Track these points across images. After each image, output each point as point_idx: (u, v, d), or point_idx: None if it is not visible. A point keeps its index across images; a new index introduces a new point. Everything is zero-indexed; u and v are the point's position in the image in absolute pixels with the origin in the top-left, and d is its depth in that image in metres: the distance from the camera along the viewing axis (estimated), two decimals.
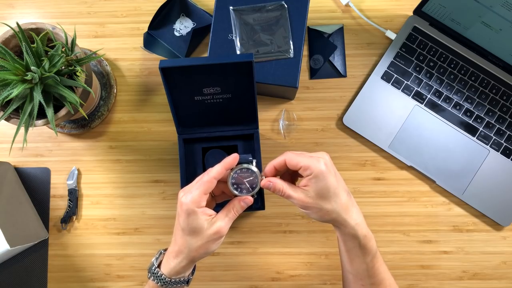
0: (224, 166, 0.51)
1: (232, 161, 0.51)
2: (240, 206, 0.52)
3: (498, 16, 0.65)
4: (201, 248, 0.50)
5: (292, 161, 0.51)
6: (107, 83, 0.76)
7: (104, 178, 0.75)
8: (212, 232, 0.49)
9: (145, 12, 0.78)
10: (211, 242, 0.50)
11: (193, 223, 0.49)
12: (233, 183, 0.52)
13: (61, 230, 0.75)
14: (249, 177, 0.52)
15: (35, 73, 0.57)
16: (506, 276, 0.72)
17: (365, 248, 0.52)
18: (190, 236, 0.50)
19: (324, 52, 0.76)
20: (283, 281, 0.73)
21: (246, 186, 0.52)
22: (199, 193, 0.49)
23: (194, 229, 0.49)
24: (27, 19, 0.79)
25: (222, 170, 0.51)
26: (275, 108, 0.76)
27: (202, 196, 0.49)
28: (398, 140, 0.73)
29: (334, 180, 0.50)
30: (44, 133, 0.77)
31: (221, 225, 0.50)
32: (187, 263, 0.51)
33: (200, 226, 0.49)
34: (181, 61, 0.58)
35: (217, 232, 0.49)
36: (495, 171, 0.72)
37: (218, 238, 0.50)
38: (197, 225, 0.49)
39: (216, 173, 0.50)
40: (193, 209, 0.49)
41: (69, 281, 0.74)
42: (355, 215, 0.51)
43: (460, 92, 0.74)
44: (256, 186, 0.52)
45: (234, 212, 0.51)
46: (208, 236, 0.49)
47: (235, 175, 0.52)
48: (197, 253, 0.50)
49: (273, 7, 0.69)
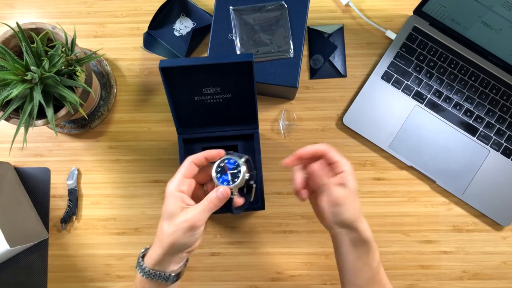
0: (204, 155, 0.52)
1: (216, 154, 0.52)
2: (216, 196, 0.49)
3: (498, 16, 0.65)
4: (172, 235, 0.47)
5: (331, 152, 0.52)
6: (107, 83, 0.76)
7: (104, 178, 0.76)
8: (182, 219, 0.47)
9: (145, 12, 0.78)
10: (181, 231, 0.47)
11: (169, 207, 0.48)
12: (217, 171, 0.52)
13: (61, 230, 0.75)
14: (233, 170, 0.52)
15: (35, 73, 0.57)
16: (506, 276, 0.72)
17: (373, 254, 0.51)
18: (165, 221, 0.48)
19: (324, 52, 0.76)
20: (283, 281, 0.73)
21: (228, 177, 0.52)
22: (179, 176, 0.50)
23: (168, 214, 0.48)
24: (27, 19, 0.79)
25: (202, 157, 0.52)
26: (275, 108, 0.76)
27: (182, 179, 0.50)
28: (398, 140, 0.73)
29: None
30: (44, 133, 0.77)
31: (193, 214, 0.47)
32: (162, 252, 0.48)
33: (174, 211, 0.48)
34: (181, 61, 0.58)
35: (186, 220, 0.47)
36: (495, 171, 0.72)
37: (190, 228, 0.47)
38: (171, 209, 0.48)
39: (196, 158, 0.51)
40: (171, 191, 0.49)
41: (69, 281, 0.74)
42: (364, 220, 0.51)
43: (460, 92, 0.74)
44: (237, 180, 0.51)
45: (208, 202, 0.49)
46: (178, 223, 0.47)
47: (222, 164, 0.53)
48: (168, 241, 0.47)
49: (273, 7, 0.69)
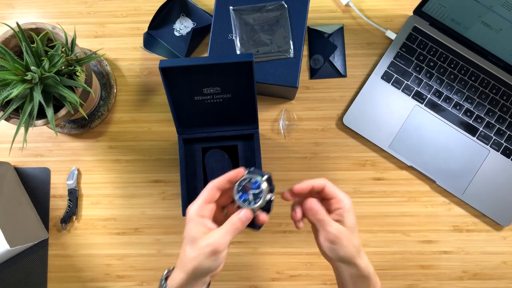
0: (226, 178, 0.50)
1: (236, 175, 0.51)
2: (238, 219, 0.49)
3: (498, 16, 0.65)
4: (194, 260, 0.47)
5: (331, 188, 0.51)
6: (107, 83, 0.76)
7: (104, 178, 0.75)
8: (204, 244, 0.47)
9: (145, 12, 0.78)
10: (204, 256, 0.47)
11: (190, 232, 0.48)
12: (238, 191, 0.51)
13: (61, 230, 0.75)
14: (254, 190, 0.50)
15: (35, 73, 0.57)
16: (506, 276, 0.72)
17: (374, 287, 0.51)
18: (188, 245, 0.48)
19: (324, 52, 0.76)
20: (283, 281, 0.73)
21: (249, 197, 0.50)
22: (201, 201, 0.49)
23: (191, 238, 0.48)
24: (27, 19, 0.79)
25: (224, 180, 0.50)
26: (275, 108, 0.76)
27: (203, 205, 0.49)
28: (398, 140, 0.73)
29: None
30: (44, 133, 0.77)
31: (215, 238, 0.47)
32: (185, 276, 0.49)
33: (196, 235, 0.48)
34: (181, 61, 0.58)
35: (209, 245, 0.47)
36: (495, 171, 0.72)
37: (212, 253, 0.47)
38: (193, 234, 0.48)
39: (218, 182, 0.50)
40: (193, 217, 0.48)
41: (69, 281, 0.74)
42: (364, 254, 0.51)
43: (460, 92, 0.74)
44: (259, 200, 0.50)
45: (231, 225, 0.49)
46: (201, 248, 0.47)
47: (243, 183, 0.51)
48: (191, 266, 0.48)
49: (273, 7, 0.69)
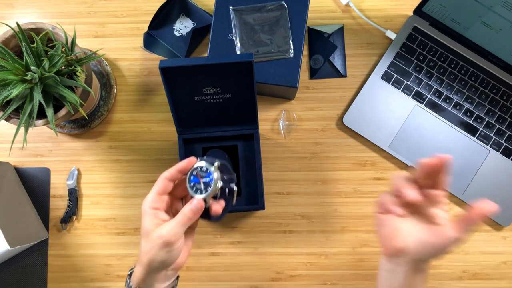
0: (177, 168, 0.50)
1: (186, 164, 0.50)
2: (189, 209, 0.48)
3: (498, 16, 0.65)
4: (148, 253, 0.47)
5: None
6: (107, 83, 0.76)
7: (104, 178, 0.75)
8: (156, 235, 0.46)
9: (145, 12, 0.78)
10: (157, 248, 0.46)
11: (144, 225, 0.48)
12: (190, 180, 0.50)
13: (61, 230, 0.75)
14: (205, 178, 0.49)
15: (35, 73, 0.57)
16: (506, 276, 0.72)
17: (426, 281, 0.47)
18: (143, 239, 0.48)
19: (324, 52, 0.76)
20: (283, 281, 0.73)
21: (200, 186, 0.49)
22: (153, 193, 0.49)
23: (145, 231, 0.48)
24: (27, 19, 0.79)
25: (175, 172, 0.50)
26: (275, 108, 0.76)
27: (155, 196, 0.49)
28: (398, 140, 0.73)
29: None
30: (44, 133, 0.77)
31: (166, 229, 0.46)
32: (143, 270, 0.48)
33: (149, 228, 0.47)
34: (181, 61, 0.58)
35: (160, 237, 0.46)
36: (495, 171, 0.72)
37: (164, 245, 0.46)
38: (146, 227, 0.48)
39: (169, 173, 0.50)
40: (145, 209, 0.48)
41: (69, 281, 0.74)
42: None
43: (460, 92, 0.74)
44: (209, 189, 0.49)
45: (183, 216, 0.47)
46: (153, 240, 0.46)
47: (194, 172, 0.50)
48: (146, 259, 0.47)
49: (273, 7, 0.69)
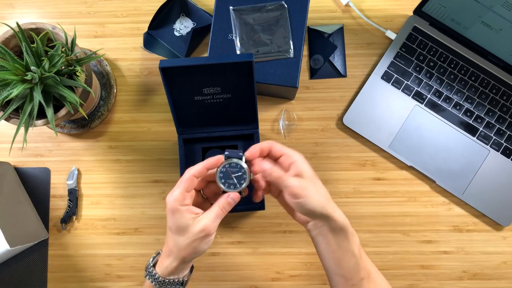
0: (205, 166, 0.50)
1: (215, 162, 0.51)
2: (227, 202, 0.50)
3: (498, 16, 0.65)
4: (189, 247, 0.49)
5: (277, 146, 0.52)
6: (107, 83, 0.76)
7: (104, 178, 0.75)
8: (197, 229, 0.48)
9: (145, 12, 0.78)
10: (198, 240, 0.48)
11: (178, 222, 0.49)
12: (221, 177, 0.51)
13: (61, 230, 0.75)
14: (237, 172, 0.51)
15: (35, 73, 0.57)
16: (506, 276, 0.72)
17: (352, 239, 0.50)
18: (177, 235, 0.49)
19: (324, 52, 0.76)
20: (283, 281, 0.73)
21: (233, 181, 0.51)
22: (180, 190, 0.49)
23: (180, 227, 0.49)
24: (27, 19, 0.79)
25: (203, 169, 0.50)
26: (275, 108, 0.76)
27: (184, 194, 0.49)
28: (398, 140, 0.73)
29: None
30: (44, 133, 0.77)
31: (206, 222, 0.48)
32: (178, 263, 0.50)
33: (185, 224, 0.48)
34: (181, 61, 0.58)
35: (203, 230, 0.48)
36: (495, 171, 0.72)
37: (206, 236, 0.48)
38: (182, 223, 0.48)
39: (196, 171, 0.50)
40: (176, 207, 0.49)
41: (69, 281, 0.74)
42: (336, 206, 0.50)
43: (460, 92, 0.74)
44: (244, 182, 0.51)
45: (220, 208, 0.50)
46: (194, 234, 0.48)
47: (223, 169, 0.51)
48: (186, 253, 0.49)
49: (273, 7, 0.69)
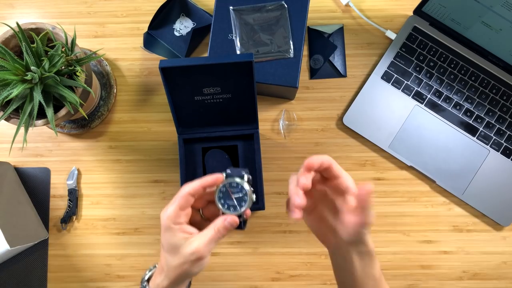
0: (202, 184, 0.46)
1: (213, 181, 0.47)
2: (223, 226, 0.46)
3: (498, 16, 0.65)
4: (179, 268, 0.45)
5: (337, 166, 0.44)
6: (107, 83, 0.76)
7: (104, 178, 0.76)
8: (188, 252, 0.44)
9: (145, 12, 0.78)
10: (189, 263, 0.45)
11: (170, 240, 0.46)
12: (220, 197, 0.47)
13: (61, 230, 0.75)
14: (238, 194, 0.47)
15: (35, 73, 0.57)
16: (506, 276, 0.72)
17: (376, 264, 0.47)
18: (168, 253, 0.46)
19: (324, 52, 0.76)
20: (283, 281, 0.73)
21: (233, 203, 0.47)
22: (174, 208, 0.46)
23: (171, 246, 0.46)
24: (27, 19, 0.79)
25: (199, 187, 0.46)
26: (275, 108, 0.76)
27: (177, 212, 0.46)
28: (398, 140, 0.73)
29: None
30: (44, 133, 0.77)
31: (198, 245, 0.44)
32: (168, 283, 0.47)
33: (177, 244, 0.45)
34: (181, 61, 0.58)
35: (193, 252, 0.44)
36: (495, 171, 0.72)
37: (197, 260, 0.45)
38: (173, 242, 0.45)
39: (192, 189, 0.46)
40: (169, 225, 0.45)
41: (69, 281, 0.74)
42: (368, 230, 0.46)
43: (460, 92, 0.74)
44: (245, 205, 0.47)
45: (215, 232, 0.46)
46: (185, 256, 0.45)
47: (224, 189, 0.47)
48: (176, 274, 0.46)
49: (273, 7, 0.69)
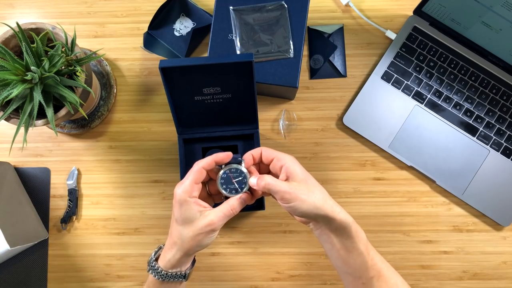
0: (214, 159, 0.52)
1: (224, 157, 0.52)
2: (238, 203, 0.51)
3: (498, 16, 0.65)
4: (193, 239, 0.49)
5: (268, 151, 0.53)
6: (107, 83, 0.76)
7: (104, 178, 0.76)
8: (204, 223, 0.49)
9: (145, 12, 0.78)
10: (203, 234, 0.49)
11: (186, 213, 0.49)
12: (222, 183, 0.52)
13: (61, 230, 0.75)
14: (238, 177, 0.53)
15: (35, 73, 0.57)
16: (506, 276, 0.72)
17: (357, 236, 0.50)
18: (182, 226, 0.50)
19: (324, 52, 0.76)
20: (283, 281, 0.73)
21: (235, 186, 0.52)
22: (190, 182, 0.50)
23: (187, 219, 0.49)
24: (27, 19, 0.79)
25: (212, 162, 0.52)
26: (275, 108, 0.76)
27: (192, 185, 0.50)
28: (398, 140, 0.73)
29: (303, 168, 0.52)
30: (44, 133, 0.77)
31: (213, 218, 0.49)
32: (181, 255, 0.51)
33: (192, 216, 0.49)
34: (181, 61, 0.58)
35: (209, 224, 0.49)
36: (495, 171, 0.72)
37: (210, 231, 0.49)
38: (189, 215, 0.49)
39: (206, 163, 0.51)
40: (185, 198, 0.49)
41: (69, 281, 0.74)
42: (335, 204, 0.51)
43: (460, 92, 0.74)
44: (245, 186, 0.52)
45: (230, 208, 0.51)
46: (200, 227, 0.49)
47: (225, 175, 0.53)
48: (189, 245, 0.50)
49: (273, 7, 0.69)
